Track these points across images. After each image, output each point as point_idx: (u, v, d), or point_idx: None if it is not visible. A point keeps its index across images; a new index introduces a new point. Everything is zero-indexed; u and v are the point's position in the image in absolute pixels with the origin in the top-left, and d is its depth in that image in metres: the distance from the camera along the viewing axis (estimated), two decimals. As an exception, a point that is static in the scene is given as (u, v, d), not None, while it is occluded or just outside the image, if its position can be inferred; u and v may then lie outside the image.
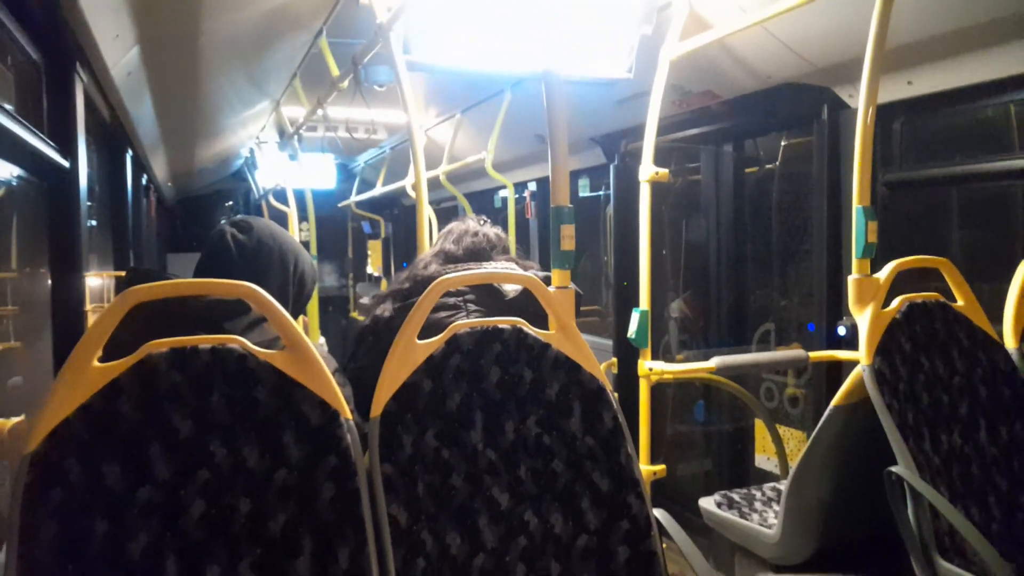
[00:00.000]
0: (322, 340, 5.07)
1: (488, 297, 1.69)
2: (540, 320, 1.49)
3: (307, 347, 1.26)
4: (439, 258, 1.82)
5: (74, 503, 1.11)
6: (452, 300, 1.66)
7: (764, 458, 3.20)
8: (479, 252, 1.83)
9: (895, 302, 1.85)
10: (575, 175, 4.71)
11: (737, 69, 2.70)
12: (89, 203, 3.46)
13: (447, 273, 1.58)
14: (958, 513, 1.58)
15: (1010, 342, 1.95)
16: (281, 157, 5.30)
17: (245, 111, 4.42)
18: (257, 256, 1.54)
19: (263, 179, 6.16)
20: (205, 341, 1.22)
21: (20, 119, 1.79)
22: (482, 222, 1.93)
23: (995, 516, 1.74)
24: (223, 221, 1.57)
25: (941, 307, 1.90)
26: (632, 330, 2.45)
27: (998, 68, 2.13)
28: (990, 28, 2.02)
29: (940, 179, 2.65)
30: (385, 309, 1.74)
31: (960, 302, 1.94)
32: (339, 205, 7.32)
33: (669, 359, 3.59)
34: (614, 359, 3.68)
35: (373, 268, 7.98)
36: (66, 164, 2.15)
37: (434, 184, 4.63)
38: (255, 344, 1.26)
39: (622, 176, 3.67)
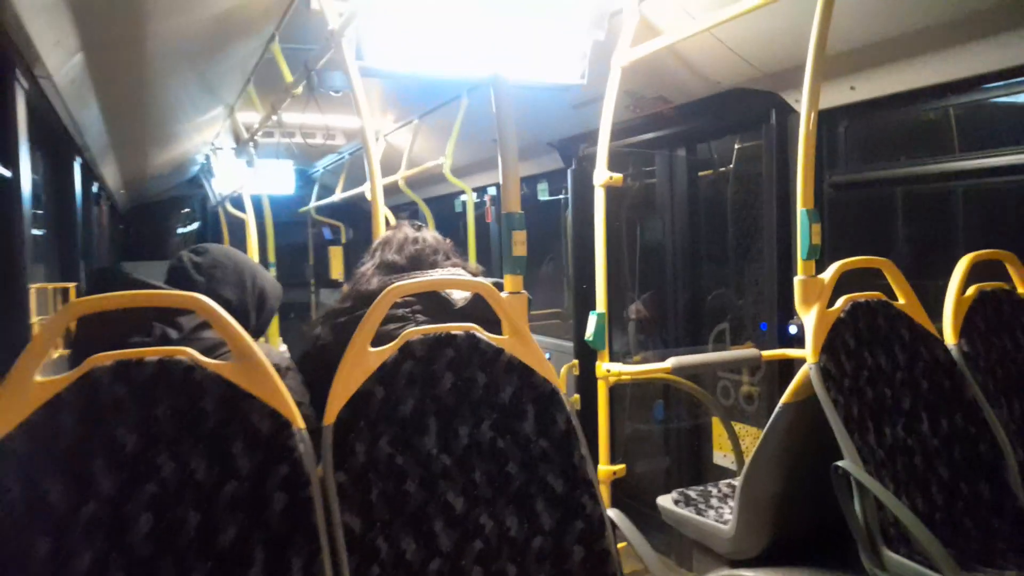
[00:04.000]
0: (284, 347, 5.01)
1: (436, 307, 1.62)
2: (492, 327, 1.50)
3: (257, 356, 1.25)
4: (381, 271, 1.72)
5: (15, 521, 1.08)
6: (400, 311, 1.59)
7: (721, 455, 3.26)
8: (423, 259, 1.74)
9: (839, 301, 1.90)
10: (534, 179, 4.74)
11: (688, 75, 2.76)
12: (39, 211, 3.36)
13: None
14: (901, 504, 1.63)
15: (949, 338, 2.03)
16: (237, 163, 5.22)
17: (198, 117, 4.35)
18: (212, 271, 1.63)
19: (219, 185, 6.06)
20: (151, 353, 1.20)
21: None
22: (418, 227, 1.83)
23: (938, 505, 1.81)
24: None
25: (883, 305, 1.96)
26: (589, 332, 2.48)
27: (937, 73, 2.21)
28: (928, 34, 2.10)
29: (884, 180, 2.73)
30: (323, 334, 1.65)
31: (901, 300, 2.01)
32: (299, 211, 7.24)
33: (628, 360, 3.64)
34: (575, 361, 3.71)
35: (334, 274, 7.93)
36: (7, 174, 2.10)
37: (394, 189, 4.61)
38: (210, 343, 1.30)
39: (579, 180, 3.71)
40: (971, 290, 2.09)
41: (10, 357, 1.14)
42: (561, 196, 4.78)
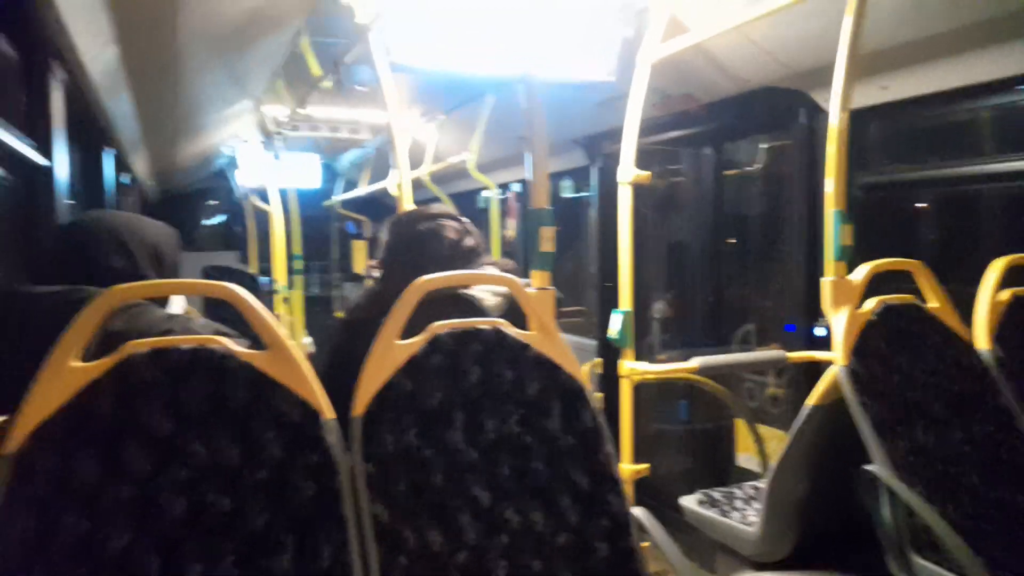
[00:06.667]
0: (308, 339, 5.06)
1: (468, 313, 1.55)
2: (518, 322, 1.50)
3: (287, 347, 1.26)
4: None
5: (55, 503, 1.11)
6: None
7: (746, 457, 3.23)
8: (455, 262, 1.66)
9: (870, 303, 1.88)
10: (558, 176, 4.72)
11: (716, 73, 2.73)
12: (72, 201, 3.41)
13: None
14: (931, 511, 1.61)
15: (982, 342, 1.99)
16: (263, 156, 5.26)
17: (226, 109, 4.39)
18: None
19: (245, 178, 6.12)
20: (186, 341, 1.22)
21: (-2, 118, 1.78)
22: (461, 228, 1.73)
23: (968, 512, 1.78)
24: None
25: (915, 308, 1.93)
26: (614, 330, 2.47)
27: (971, 74, 2.17)
28: (962, 34, 2.06)
29: (915, 182, 2.69)
30: (362, 305, 1.69)
31: (933, 303, 1.98)
32: (324, 204, 7.29)
33: (652, 359, 3.62)
34: (599, 359, 3.70)
35: (357, 268, 7.97)
36: (45, 162, 2.13)
37: (417, 184, 4.62)
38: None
39: (604, 178, 3.70)
40: (1005, 294, 2.05)
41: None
42: (585, 194, 4.76)
